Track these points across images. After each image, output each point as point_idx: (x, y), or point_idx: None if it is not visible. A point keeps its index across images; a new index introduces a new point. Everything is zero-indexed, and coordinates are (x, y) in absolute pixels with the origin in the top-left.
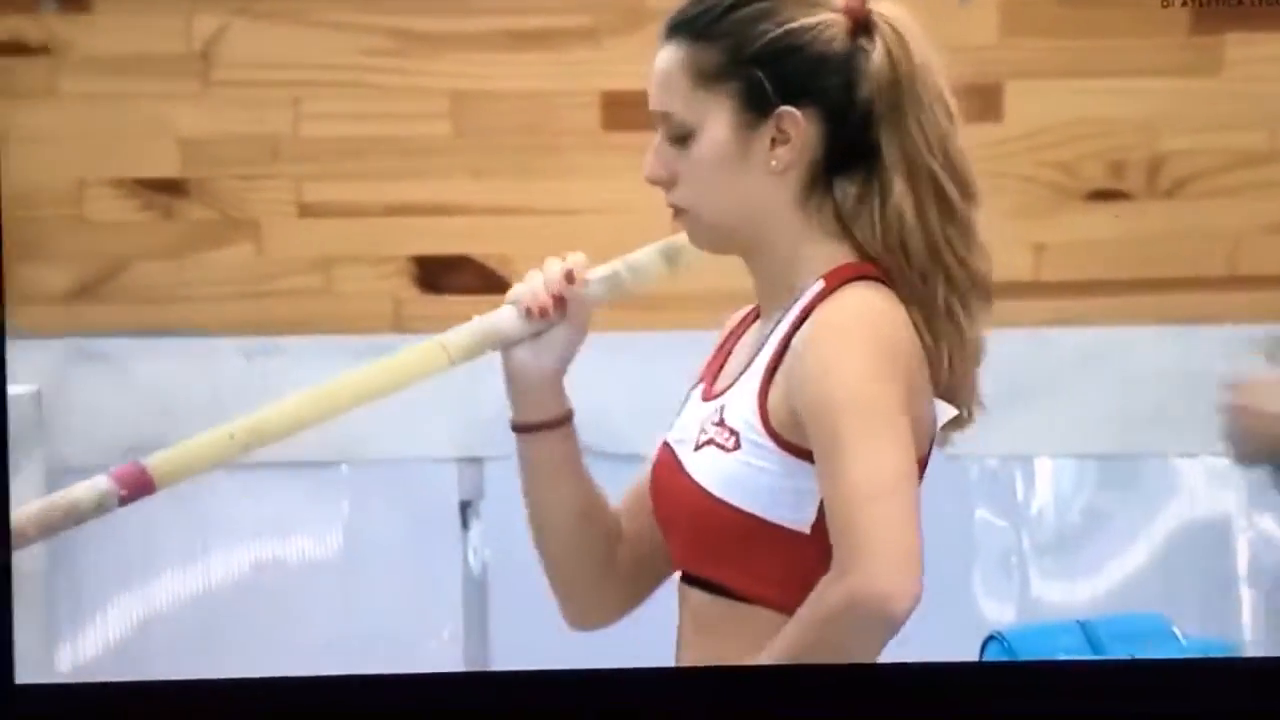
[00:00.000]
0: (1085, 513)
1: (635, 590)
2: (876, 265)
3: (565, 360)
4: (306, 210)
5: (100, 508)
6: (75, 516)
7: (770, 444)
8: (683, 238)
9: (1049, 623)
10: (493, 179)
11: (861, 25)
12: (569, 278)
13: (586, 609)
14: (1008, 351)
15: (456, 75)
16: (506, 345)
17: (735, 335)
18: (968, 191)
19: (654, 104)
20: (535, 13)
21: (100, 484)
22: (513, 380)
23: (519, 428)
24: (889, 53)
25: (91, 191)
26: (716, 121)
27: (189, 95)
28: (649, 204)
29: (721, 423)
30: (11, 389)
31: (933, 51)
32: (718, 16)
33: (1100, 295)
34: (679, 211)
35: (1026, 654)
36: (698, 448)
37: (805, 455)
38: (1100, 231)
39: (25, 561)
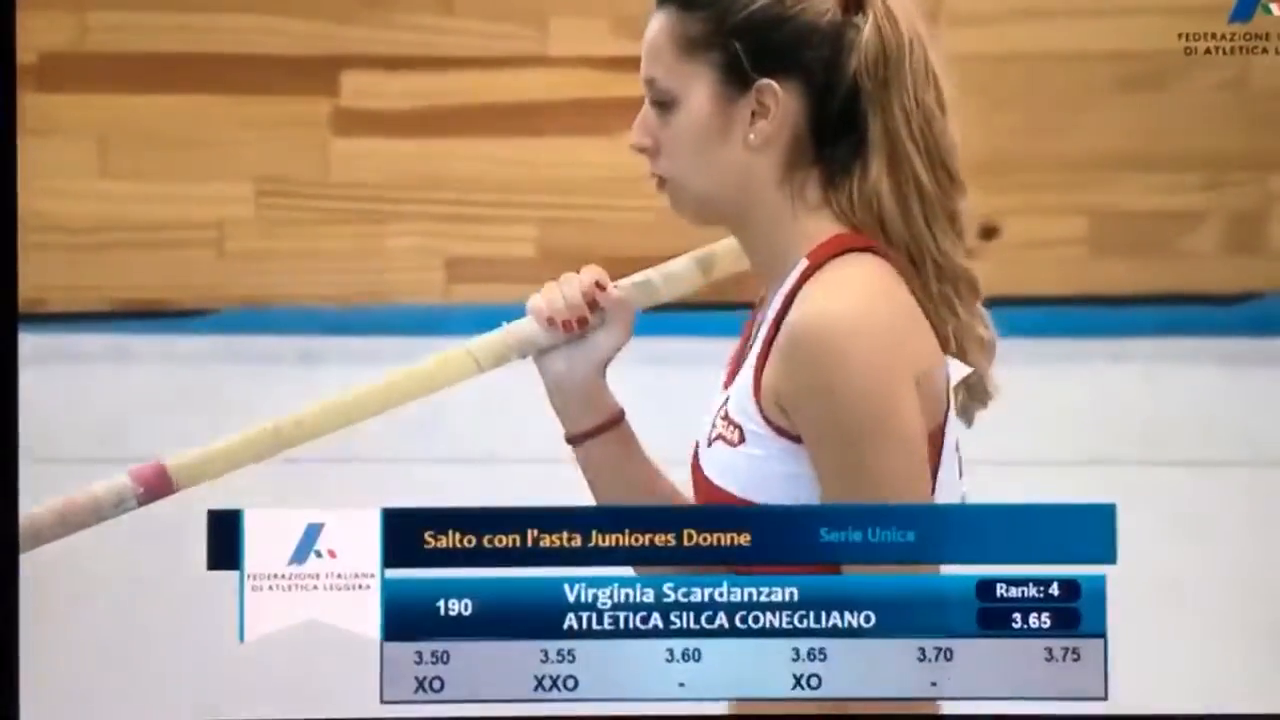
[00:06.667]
0: None
1: None
2: (864, 234)
3: (601, 365)
4: None
5: (119, 506)
6: (96, 513)
7: (766, 430)
8: (718, 246)
9: None
10: None
11: (855, 0)
12: (599, 285)
13: None
14: None
15: None
16: (536, 352)
17: (751, 320)
18: (950, 182)
19: (642, 71)
20: None
21: (119, 482)
22: (552, 392)
23: (571, 439)
24: (879, 28)
25: None
26: (697, 92)
27: None
28: None
29: (727, 417)
30: None
31: (926, 32)
32: None
33: None
34: (661, 181)
35: None
36: (710, 443)
37: (799, 439)
38: None
39: None
